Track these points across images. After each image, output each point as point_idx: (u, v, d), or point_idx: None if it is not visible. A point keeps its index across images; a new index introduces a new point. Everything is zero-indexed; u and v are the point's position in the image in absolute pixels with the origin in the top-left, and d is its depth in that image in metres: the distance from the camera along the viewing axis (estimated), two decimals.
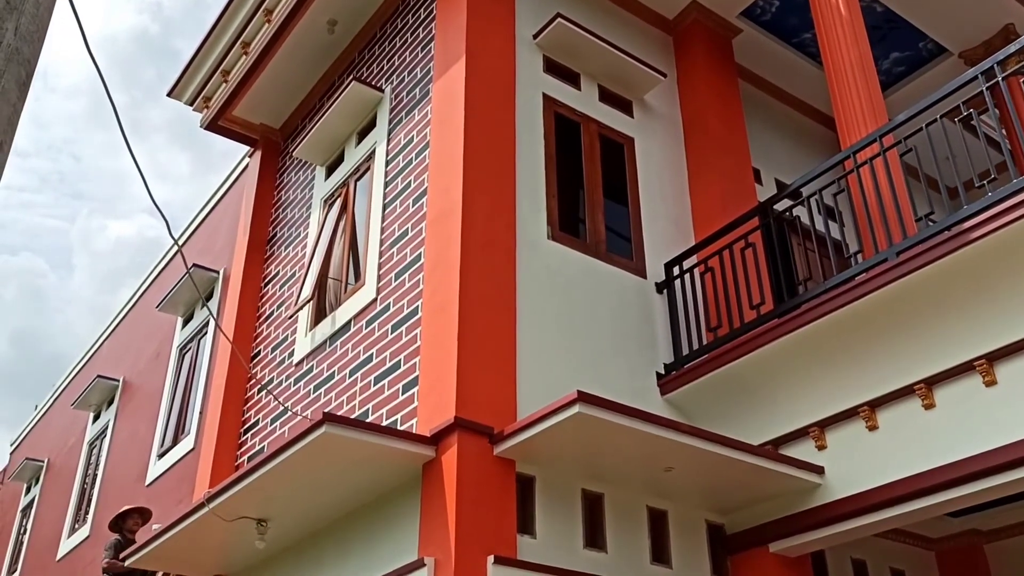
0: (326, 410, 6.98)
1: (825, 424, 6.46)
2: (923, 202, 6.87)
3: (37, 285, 58.38)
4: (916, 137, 6.29)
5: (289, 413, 8.05)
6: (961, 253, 5.60)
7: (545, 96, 7.93)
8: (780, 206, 7.36)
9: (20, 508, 15.99)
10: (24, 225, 60.54)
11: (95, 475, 12.75)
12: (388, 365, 6.95)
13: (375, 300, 7.47)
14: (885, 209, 6.38)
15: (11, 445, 18.15)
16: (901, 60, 10.35)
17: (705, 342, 7.29)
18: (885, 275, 5.96)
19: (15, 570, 14.90)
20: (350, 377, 7.41)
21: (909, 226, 6.24)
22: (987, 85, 5.92)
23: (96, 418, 13.81)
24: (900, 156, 6.39)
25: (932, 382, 5.88)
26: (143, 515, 8.59)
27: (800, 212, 7.23)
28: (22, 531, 15.44)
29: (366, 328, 7.45)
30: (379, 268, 7.62)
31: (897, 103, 10.20)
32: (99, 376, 13.46)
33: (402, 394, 6.65)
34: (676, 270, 7.73)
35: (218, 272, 11.00)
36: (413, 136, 7.86)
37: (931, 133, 6.18)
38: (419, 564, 5.58)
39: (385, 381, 6.91)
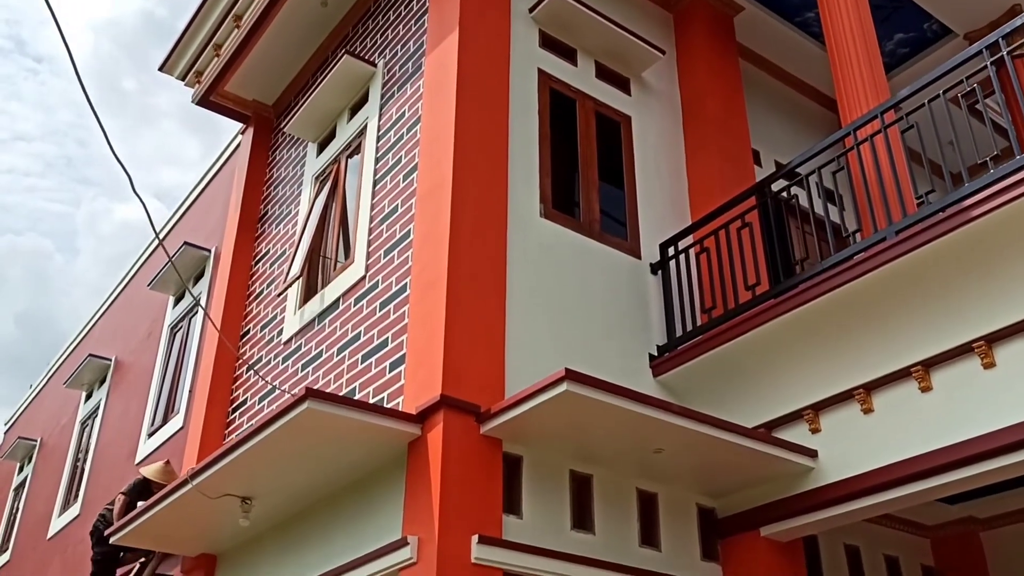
0: (316, 389, 6.87)
1: (819, 407, 6.34)
2: (925, 185, 6.73)
3: (42, 267, 58.34)
4: (919, 116, 6.14)
5: (277, 391, 7.94)
6: (962, 232, 5.46)
7: (540, 71, 7.77)
8: (778, 186, 7.22)
9: (13, 487, 15.92)
10: (29, 209, 60.44)
11: (87, 454, 12.66)
12: (376, 343, 6.84)
13: (364, 278, 7.35)
14: (885, 187, 6.24)
15: (5, 424, 18.09)
16: (905, 41, 10.17)
17: (699, 323, 7.16)
18: (883, 254, 5.82)
19: (7, 548, 14.84)
20: (338, 355, 7.29)
21: (909, 204, 6.10)
22: (992, 60, 5.77)
23: (88, 397, 13.71)
24: (901, 133, 6.24)
25: (929, 364, 5.75)
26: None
27: (798, 193, 7.09)
28: (15, 510, 15.38)
29: (355, 306, 7.33)
30: (368, 245, 7.49)
31: (900, 85, 10.02)
32: (91, 355, 13.36)
33: (389, 372, 6.54)
34: (671, 250, 7.60)
35: (209, 251, 10.88)
36: (405, 111, 7.72)
37: (934, 113, 6.02)
38: (403, 543, 5.49)
39: (372, 359, 6.80)
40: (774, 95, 10.08)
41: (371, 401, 6.52)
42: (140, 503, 7.87)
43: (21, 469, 15.91)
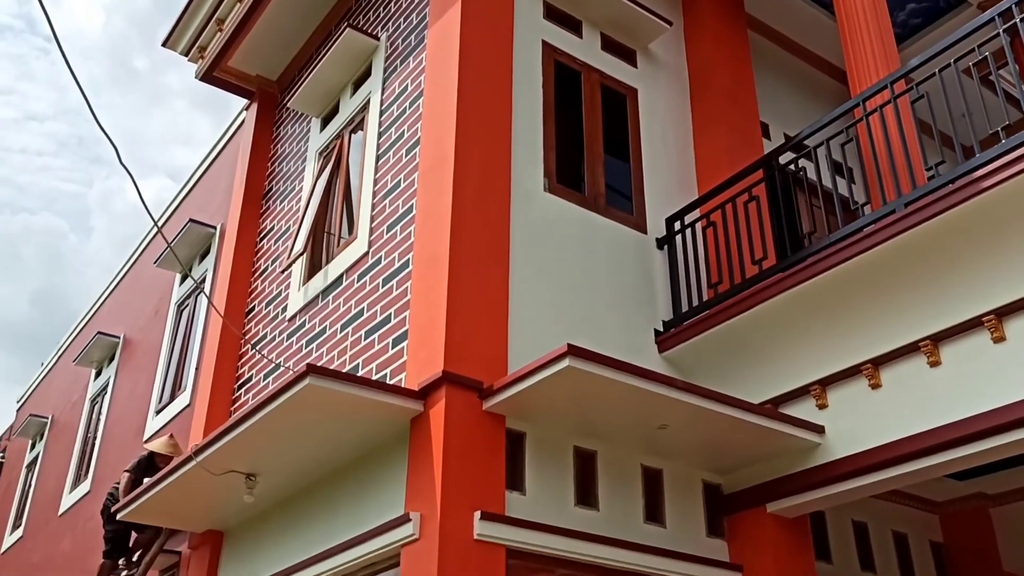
0: (317, 365, 6.84)
1: (827, 382, 6.26)
2: (935, 157, 6.61)
3: (57, 246, 58.66)
4: (929, 86, 6.00)
5: (282, 368, 7.92)
6: (972, 204, 5.35)
7: (544, 43, 7.65)
8: (786, 159, 7.11)
9: (25, 464, 16.04)
10: (42, 188, 60.70)
11: (96, 431, 12.72)
12: (379, 319, 6.79)
13: (367, 253, 7.29)
14: (894, 159, 6.12)
15: (17, 402, 18.19)
16: (917, 11, 9.98)
17: (706, 298, 7.08)
18: (892, 227, 5.72)
19: (20, 524, 14.98)
20: (341, 332, 7.25)
21: (919, 176, 5.99)
22: (1004, 27, 5.63)
23: (98, 375, 13.76)
24: (911, 103, 6.11)
25: (938, 339, 5.66)
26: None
27: (807, 166, 6.97)
28: (27, 487, 15.50)
29: (358, 282, 7.28)
30: (371, 221, 7.42)
31: (912, 56, 9.85)
32: (99, 333, 13.38)
33: (392, 348, 6.49)
34: (677, 225, 7.50)
35: (215, 227, 10.84)
36: (408, 84, 7.62)
37: (946, 84, 5.88)
38: (405, 519, 5.47)
39: (375, 335, 6.75)
40: (784, 67, 9.92)
41: (374, 377, 6.49)
42: (147, 479, 7.89)
43: (33, 446, 16.02)
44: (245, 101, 10.77)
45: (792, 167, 6.94)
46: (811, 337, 6.38)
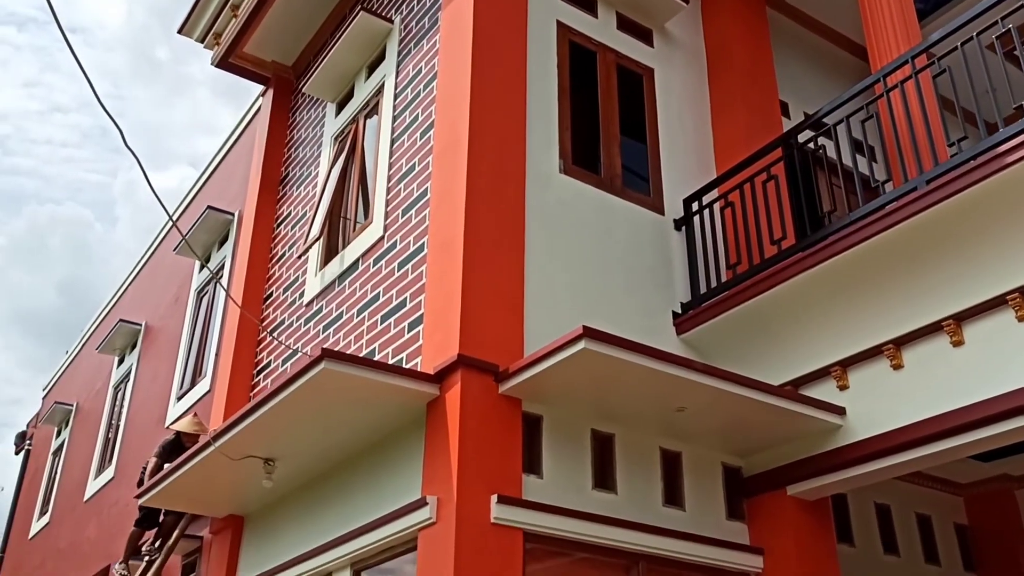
0: (332, 349, 6.84)
1: (848, 363, 6.18)
2: (957, 134, 6.48)
3: (83, 236, 59.30)
4: (951, 61, 5.87)
5: (300, 354, 7.94)
6: (995, 180, 5.24)
7: (559, 23, 7.58)
8: (805, 137, 7.00)
9: (51, 451, 16.24)
10: (68, 179, 61.28)
11: (120, 418, 12.84)
12: (394, 303, 6.78)
13: (382, 238, 7.27)
14: (916, 135, 6.01)
15: (43, 390, 18.41)
16: None
17: (724, 280, 7.00)
18: (914, 204, 5.62)
19: (47, 511, 15.18)
20: (358, 316, 7.25)
21: (941, 153, 5.87)
22: None
23: (120, 362, 13.88)
24: (933, 78, 5.98)
25: (961, 318, 5.57)
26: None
27: (826, 144, 6.86)
28: (53, 473, 15.71)
29: (373, 266, 7.27)
30: (387, 205, 7.40)
31: (935, 31, 9.65)
32: (121, 320, 13.49)
33: (408, 332, 6.48)
34: (695, 206, 7.42)
35: (233, 214, 10.86)
36: (422, 67, 7.57)
37: (968, 59, 5.75)
38: (422, 503, 5.47)
39: (391, 319, 6.74)
40: (804, 45, 9.77)
41: (391, 362, 6.48)
42: (168, 464, 7.94)
43: (59, 433, 16.21)
44: (262, 87, 10.78)
45: (811, 145, 6.83)
46: (831, 318, 6.29)
